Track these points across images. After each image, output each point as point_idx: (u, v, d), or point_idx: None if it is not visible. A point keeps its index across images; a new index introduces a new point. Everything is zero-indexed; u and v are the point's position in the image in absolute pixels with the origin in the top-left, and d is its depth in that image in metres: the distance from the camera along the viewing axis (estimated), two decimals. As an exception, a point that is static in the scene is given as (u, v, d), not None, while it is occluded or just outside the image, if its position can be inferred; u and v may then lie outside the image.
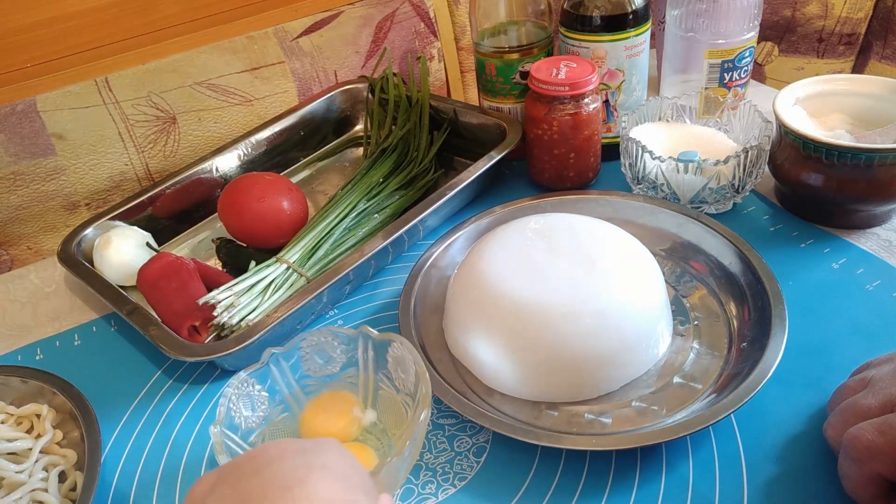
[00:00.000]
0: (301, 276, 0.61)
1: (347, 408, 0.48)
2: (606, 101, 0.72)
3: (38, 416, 0.51)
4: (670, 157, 0.61)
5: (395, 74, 0.82)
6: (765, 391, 0.45)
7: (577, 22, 0.67)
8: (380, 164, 0.72)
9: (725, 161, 0.60)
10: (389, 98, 0.80)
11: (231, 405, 0.44)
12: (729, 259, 0.57)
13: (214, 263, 0.68)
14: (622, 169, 0.68)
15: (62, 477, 0.48)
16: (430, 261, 0.60)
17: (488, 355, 0.50)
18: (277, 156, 0.79)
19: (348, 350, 0.49)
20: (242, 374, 0.46)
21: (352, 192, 0.68)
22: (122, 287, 0.62)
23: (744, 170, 0.61)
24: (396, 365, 0.48)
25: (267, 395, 0.47)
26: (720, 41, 0.68)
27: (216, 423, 0.43)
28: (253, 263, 0.61)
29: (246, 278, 0.59)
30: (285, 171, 0.81)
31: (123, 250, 0.64)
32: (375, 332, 0.48)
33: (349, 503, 0.30)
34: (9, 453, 0.48)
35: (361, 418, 0.48)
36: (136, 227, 0.68)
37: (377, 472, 0.39)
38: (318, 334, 0.49)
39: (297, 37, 0.87)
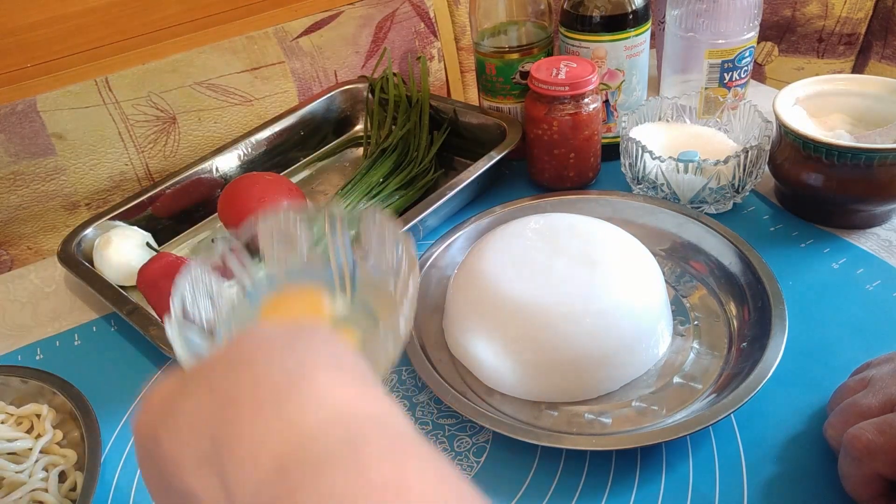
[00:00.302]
0: (301, 275, 0.60)
1: (314, 302, 0.42)
2: (606, 101, 0.71)
3: (38, 416, 0.51)
4: (670, 157, 0.61)
5: (395, 74, 0.82)
6: (765, 391, 0.45)
7: (577, 22, 0.67)
8: (380, 164, 0.72)
9: (725, 161, 0.60)
10: (389, 98, 0.80)
11: (186, 297, 0.37)
12: (729, 259, 0.57)
13: (214, 263, 0.68)
14: (622, 169, 0.68)
15: (62, 477, 0.48)
16: (430, 261, 0.60)
17: (488, 355, 0.50)
18: (277, 156, 0.79)
19: (315, 233, 0.42)
20: (196, 266, 0.38)
21: (352, 192, 0.68)
22: (122, 287, 0.62)
23: (744, 170, 0.61)
24: (372, 240, 0.41)
25: (227, 286, 0.40)
26: (720, 41, 0.68)
27: (170, 319, 0.35)
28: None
29: (246, 278, 0.59)
30: (285, 171, 0.81)
31: (123, 250, 0.64)
32: (343, 209, 0.42)
33: (366, 399, 0.23)
34: (9, 453, 0.48)
35: (332, 309, 0.42)
36: (136, 227, 0.68)
37: (368, 349, 0.35)
38: (276, 218, 0.41)
39: (297, 37, 0.87)
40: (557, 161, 0.68)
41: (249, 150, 0.77)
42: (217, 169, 0.74)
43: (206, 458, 0.22)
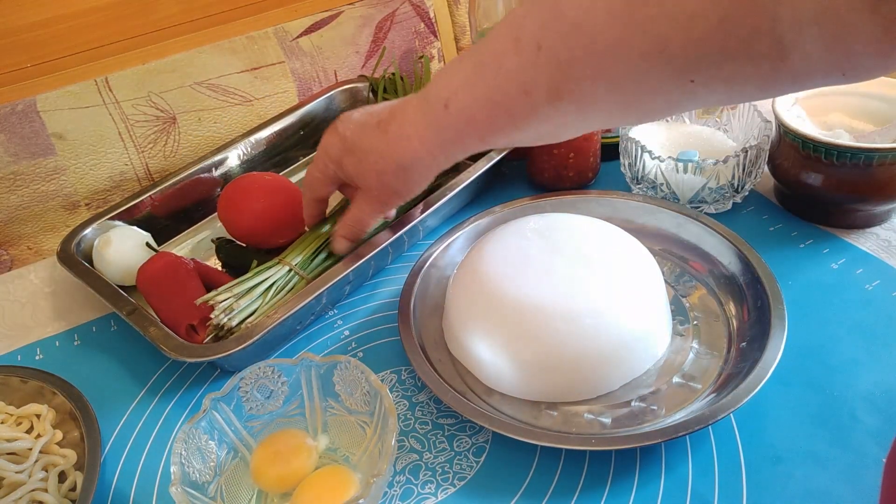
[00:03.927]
0: (303, 278, 0.60)
1: (299, 441, 0.47)
2: (606, 101, 0.71)
3: (38, 416, 0.51)
4: (670, 157, 0.61)
5: (394, 74, 0.82)
6: (764, 391, 0.45)
7: (577, 22, 0.67)
8: (379, 164, 0.72)
9: (725, 161, 0.60)
10: (390, 98, 0.80)
11: (184, 462, 0.42)
12: (728, 259, 0.57)
13: (214, 263, 0.68)
14: (622, 169, 0.68)
15: (62, 477, 0.48)
16: (430, 261, 0.60)
17: (488, 355, 0.50)
18: (277, 156, 0.79)
19: (290, 380, 0.47)
20: (187, 427, 0.43)
21: (351, 192, 0.68)
22: (121, 287, 0.62)
23: (743, 170, 0.61)
24: (345, 386, 0.47)
25: (215, 444, 0.45)
26: (720, 41, 0.68)
27: (174, 483, 0.40)
28: (255, 263, 0.61)
29: (247, 279, 0.58)
30: (285, 171, 0.81)
31: (123, 250, 0.64)
32: (318, 357, 0.47)
33: None
34: (9, 453, 0.48)
35: (317, 446, 0.47)
36: (136, 227, 0.68)
37: (366, 495, 0.39)
38: (256, 370, 0.47)
39: (297, 37, 0.87)
40: (557, 161, 0.68)
41: (249, 149, 0.77)
42: (217, 169, 0.74)
43: None
